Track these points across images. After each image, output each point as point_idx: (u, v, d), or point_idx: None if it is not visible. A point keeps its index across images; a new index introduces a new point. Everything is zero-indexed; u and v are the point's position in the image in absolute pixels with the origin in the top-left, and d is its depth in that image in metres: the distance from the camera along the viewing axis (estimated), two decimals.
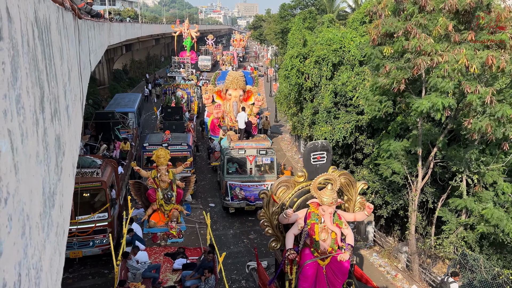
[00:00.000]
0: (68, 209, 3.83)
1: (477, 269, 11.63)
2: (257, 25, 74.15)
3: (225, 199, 15.99)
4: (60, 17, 3.99)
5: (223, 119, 22.93)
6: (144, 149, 16.27)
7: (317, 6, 40.75)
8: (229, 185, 15.82)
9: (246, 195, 15.76)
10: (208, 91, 23.56)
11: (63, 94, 3.66)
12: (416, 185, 12.77)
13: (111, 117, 19.43)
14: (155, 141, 16.77)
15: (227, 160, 16.31)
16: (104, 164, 13.03)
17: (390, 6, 11.37)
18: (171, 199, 11.20)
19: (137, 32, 39.21)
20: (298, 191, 9.38)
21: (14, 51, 1.79)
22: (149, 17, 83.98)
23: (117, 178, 14.04)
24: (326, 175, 8.77)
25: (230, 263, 13.30)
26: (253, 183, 16.03)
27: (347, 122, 16.72)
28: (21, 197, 1.73)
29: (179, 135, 18.23)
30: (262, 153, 16.33)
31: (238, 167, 16.55)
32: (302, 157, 9.34)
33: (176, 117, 21.47)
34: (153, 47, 58.01)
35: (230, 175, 16.26)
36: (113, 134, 18.35)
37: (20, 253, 1.69)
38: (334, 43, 19.36)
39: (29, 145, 1.99)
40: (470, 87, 9.80)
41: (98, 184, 12.02)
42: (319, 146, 9.16)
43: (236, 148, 16.32)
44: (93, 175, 12.03)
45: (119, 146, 17.65)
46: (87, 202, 12.06)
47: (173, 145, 16.30)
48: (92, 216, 11.99)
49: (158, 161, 11.05)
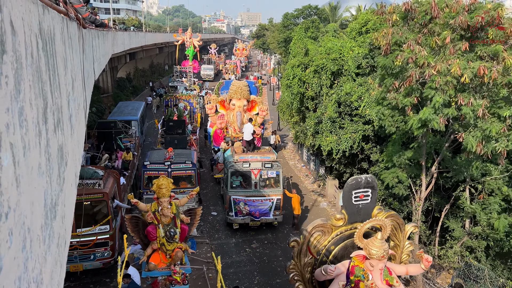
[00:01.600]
0: (70, 220, 3.81)
1: (482, 280, 11.51)
2: (260, 34, 74.49)
3: (228, 214, 15.52)
4: (65, 27, 4.02)
5: (227, 129, 22.41)
6: (145, 168, 15.25)
7: (320, 16, 40.92)
8: (233, 199, 15.27)
9: (250, 210, 15.28)
10: (211, 101, 23.12)
11: (66, 104, 3.67)
12: (420, 194, 12.71)
13: (113, 127, 18.87)
14: (157, 159, 15.76)
15: (230, 174, 15.64)
16: (106, 175, 12.70)
17: (400, 13, 11.36)
18: (174, 237, 9.70)
19: (141, 41, 39.45)
20: (336, 237, 7.70)
21: (18, 63, 1.79)
22: (153, 26, 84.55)
23: (119, 189, 13.66)
24: (375, 221, 7.31)
25: (232, 272, 13.23)
26: (258, 198, 15.39)
27: (354, 131, 16.71)
28: (22, 210, 1.72)
29: (183, 151, 17.23)
30: (267, 166, 15.64)
31: (242, 180, 15.92)
32: (342, 195, 7.32)
33: (178, 131, 20.50)
34: (157, 55, 58.33)
35: (234, 189, 15.58)
36: (115, 144, 17.86)
37: (21, 267, 1.67)
38: (333, 52, 19.42)
39: (31, 157, 1.98)
40: (464, 99, 9.80)
41: (100, 196, 11.71)
42: (362, 182, 7.54)
43: (240, 161, 15.62)
44: (95, 186, 11.74)
45: (121, 156, 17.28)
46: (88, 214, 11.70)
47: (176, 164, 15.33)
48: (94, 228, 11.66)
49: (159, 192, 9.66)
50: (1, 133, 1.49)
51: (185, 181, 15.43)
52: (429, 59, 10.16)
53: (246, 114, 22.16)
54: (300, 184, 21.26)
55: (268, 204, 15.37)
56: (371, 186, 7.57)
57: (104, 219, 11.85)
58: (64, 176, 3.19)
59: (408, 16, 11.31)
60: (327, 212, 18.39)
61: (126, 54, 36.63)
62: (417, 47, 10.22)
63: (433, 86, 9.96)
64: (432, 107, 10.20)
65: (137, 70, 49.72)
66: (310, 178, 22.73)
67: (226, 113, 22.44)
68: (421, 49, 10.21)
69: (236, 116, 21.99)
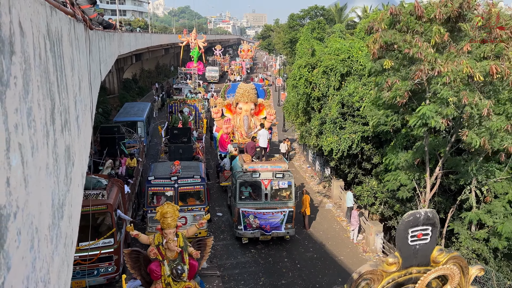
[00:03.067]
0: (77, 220, 3.83)
1: (489, 282, 11.43)
2: (266, 35, 74.56)
3: (237, 228, 14.60)
4: (72, 28, 4.04)
5: (233, 134, 21.51)
6: (149, 183, 13.84)
7: (326, 16, 40.89)
8: (242, 212, 14.29)
9: (261, 223, 14.36)
10: (217, 104, 22.19)
11: (73, 104, 3.69)
12: (425, 196, 12.64)
13: (117, 131, 17.74)
14: (162, 173, 14.30)
15: (239, 184, 14.53)
16: (110, 184, 11.99)
17: (386, 20, 11.48)
18: (182, 275, 8.38)
19: (147, 42, 39.59)
20: (388, 285, 6.45)
21: (26, 64, 1.81)
22: (159, 27, 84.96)
23: (124, 199, 12.87)
24: (441, 270, 6.10)
25: (237, 273, 13.23)
26: (268, 210, 14.38)
27: (353, 132, 16.68)
28: (30, 210, 1.73)
29: (190, 164, 15.74)
30: (278, 177, 14.52)
31: (252, 192, 14.81)
32: (396, 234, 6.12)
33: (183, 139, 19.03)
34: (163, 56, 58.54)
35: (243, 201, 14.52)
36: (119, 149, 16.87)
37: (29, 267, 1.68)
38: (342, 53, 19.39)
39: (39, 158, 1.99)
40: (468, 98, 9.77)
41: (104, 207, 10.99)
42: (421, 218, 6.25)
43: (250, 171, 14.51)
44: (98, 197, 10.98)
45: (125, 162, 16.29)
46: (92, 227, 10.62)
47: (183, 178, 13.97)
48: (97, 242, 10.90)
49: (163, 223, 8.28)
50: (10, 134, 1.50)
51: (193, 197, 14.26)
52: (436, 55, 10.19)
53: (253, 118, 21.49)
54: (305, 185, 21.23)
55: (280, 217, 14.44)
56: (431, 223, 6.31)
57: (108, 232, 11.16)
58: (71, 177, 3.21)
59: (394, 20, 11.41)
60: (332, 213, 18.35)
61: (132, 55, 36.82)
62: (425, 44, 10.26)
63: (442, 82, 9.95)
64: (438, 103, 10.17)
65: (143, 71, 49.93)
66: (315, 179, 22.68)
67: (232, 117, 21.62)
68: (428, 45, 10.25)
69: (243, 120, 21.22)
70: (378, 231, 15.14)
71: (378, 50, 11.26)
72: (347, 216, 17.14)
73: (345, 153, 16.89)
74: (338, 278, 13.33)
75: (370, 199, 16.03)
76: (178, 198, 13.64)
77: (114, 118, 24.58)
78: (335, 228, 16.95)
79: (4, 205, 1.41)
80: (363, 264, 15.77)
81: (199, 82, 40.41)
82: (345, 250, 15.26)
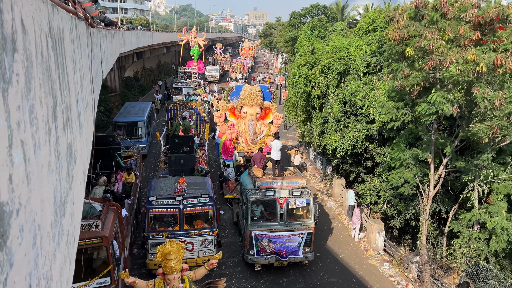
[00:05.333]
0: (79, 217, 3.85)
1: (491, 280, 11.43)
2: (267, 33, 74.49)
3: (249, 253, 12.83)
4: (74, 26, 4.04)
5: (237, 140, 19.96)
6: (150, 204, 12.02)
7: (327, 15, 40.81)
8: (254, 235, 12.61)
9: (276, 248, 12.69)
10: (220, 108, 20.54)
11: (75, 102, 3.70)
12: (428, 194, 12.63)
13: (112, 141, 15.63)
14: (165, 192, 12.46)
15: (251, 204, 12.77)
16: (105, 210, 10.19)
17: (410, 12, 11.37)
18: None
19: (148, 40, 39.58)
20: None
21: (28, 62, 1.81)
22: (160, 25, 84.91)
23: (122, 226, 11.09)
24: None
25: (239, 271, 13.26)
26: (285, 233, 12.71)
27: (357, 130, 16.66)
28: (32, 207, 1.74)
29: (195, 180, 13.83)
30: (295, 194, 12.82)
31: (266, 212, 13.15)
32: None
33: (185, 148, 17.49)
34: (164, 54, 58.54)
35: (256, 223, 12.80)
36: (114, 161, 14.93)
37: (31, 263, 1.69)
38: (340, 51, 19.37)
39: (42, 155, 2.00)
40: (479, 89, 9.79)
41: (98, 241, 9.26)
42: None
43: (263, 188, 12.83)
44: (91, 228, 9.21)
45: (121, 177, 14.28)
46: (84, 264, 9.15)
47: (190, 198, 12.18)
48: (91, 282, 9.15)
49: (166, 266, 6.96)
50: (12, 131, 1.51)
51: (200, 219, 12.59)
52: (447, 47, 10.22)
53: (259, 122, 20.05)
54: (307, 184, 21.22)
55: (297, 240, 12.79)
56: None
57: (104, 270, 9.38)
58: (73, 174, 3.22)
59: (418, 13, 11.30)
60: (334, 211, 18.36)
61: (134, 53, 36.83)
62: (435, 36, 10.27)
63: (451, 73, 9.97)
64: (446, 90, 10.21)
65: (145, 69, 49.96)
66: (317, 177, 22.69)
67: (236, 121, 20.10)
68: (439, 38, 10.28)
69: (248, 125, 19.67)
70: (379, 229, 15.15)
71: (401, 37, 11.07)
72: (349, 214, 17.14)
73: (349, 151, 16.87)
74: (339, 277, 13.34)
75: (373, 197, 16.03)
76: (184, 220, 12.10)
77: (115, 118, 23.97)
78: (336, 226, 16.96)
79: (7, 202, 1.42)
80: (365, 262, 15.85)
81: (199, 81, 39.66)
82: (347, 248, 15.27)
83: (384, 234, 15.27)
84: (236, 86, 22.20)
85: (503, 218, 11.44)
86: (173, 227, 12.17)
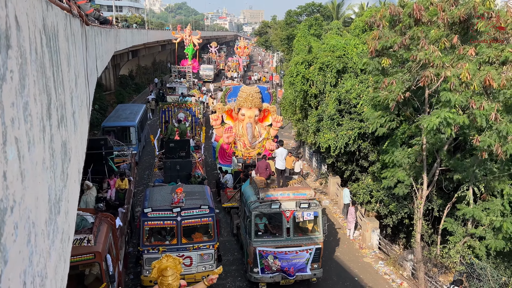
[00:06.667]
0: (74, 215, 3.84)
1: (485, 278, 11.52)
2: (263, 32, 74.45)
3: (253, 271, 11.82)
4: (68, 24, 4.03)
5: (235, 144, 19.09)
6: (145, 216, 11.13)
7: (323, 13, 40.88)
8: (258, 252, 11.66)
9: (282, 265, 11.72)
10: (216, 110, 19.59)
11: (69, 100, 3.69)
12: (421, 192, 12.70)
13: (104, 145, 14.91)
14: (161, 202, 11.61)
15: (254, 217, 11.85)
16: (98, 222, 9.44)
17: (388, 17, 11.48)
18: None
19: (144, 38, 39.44)
20: None
21: (22, 59, 1.80)
22: (155, 23, 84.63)
23: (115, 238, 10.31)
24: None
25: (235, 269, 13.26)
26: (292, 249, 11.79)
27: (350, 129, 16.71)
28: (27, 204, 1.73)
29: (193, 189, 12.89)
30: (303, 207, 11.88)
31: (271, 226, 12.27)
32: None
33: (181, 153, 16.52)
34: (159, 53, 58.36)
35: (260, 238, 11.86)
36: (106, 166, 14.16)
37: (26, 261, 1.69)
38: (338, 50, 19.41)
39: (36, 152, 1.99)
40: (476, 102, 9.79)
41: (91, 257, 8.55)
42: None
43: (268, 200, 11.89)
44: (83, 243, 8.51)
45: (114, 183, 13.52)
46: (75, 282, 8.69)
47: (188, 210, 11.34)
48: None
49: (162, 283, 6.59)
50: (6, 127, 1.50)
51: (200, 232, 11.74)
52: (443, 59, 10.21)
53: (257, 125, 19.30)
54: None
55: (305, 256, 11.89)
56: None
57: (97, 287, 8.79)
58: (67, 172, 3.21)
59: (394, 19, 11.44)
60: (329, 209, 18.41)
61: (129, 51, 36.69)
62: (432, 47, 10.26)
63: (447, 88, 9.97)
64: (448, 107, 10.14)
65: (140, 67, 49.78)
66: (312, 176, 22.73)
67: (234, 124, 19.25)
68: (435, 49, 10.24)
69: (246, 128, 18.89)
70: (374, 227, 15.22)
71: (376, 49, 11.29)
72: (344, 212, 17.20)
73: (342, 150, 16.91)
74: (334, 274, 13.39)
75: (366, 196, 16.09)
76: (182, 233, 11.28)
77: (103, 123, 21.77)
78: (331, 225, 17.00)
79: (1, 199, 1.41)
80: (360, 260, 15.80)
81: (193, 80, 38.85)
82: (342, 247, 15.32)
83: (379, 233, 15.34)
84: (233, 87, 21.39)
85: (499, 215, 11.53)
86: (170, 241, 11.31)
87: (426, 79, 10.14)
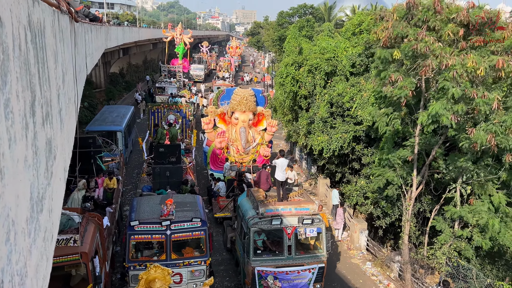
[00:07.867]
0: (58, 214, 3.79)
1: (470, 280, 11.66)
2: (255, 32, 74.48)
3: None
4: (56, 20, 3.98)
5: (227, 149, 18.26)
6: (132, 230, 10.24)
7: (315, 15, 41.03)
8: (257, 272, 10.79)
9: (283, 286, 10.90)
10: (208, 113, 18.69)
11: (56, 97, 3.64)
12: (411, 194, 12.81)
13: (92, 143, 14.45)
14: (149, 214, 10.76)
15: (253, 234, 10.98)
16: (85, 222, 9.19)
17: (401, 12, 11.45)
18: None
19: (135, 36, 39.17)
20: None
21: (5, 55, 1.78)
22: (147, 22, 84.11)
23: (102, 238, 10.05)
24: None
25: (223, 269, 13.24)
26: (293, 268, 10.95)
27: (344, 132, 16.80)
28: (6, 202, 1.71)
29: (184, 200, 12.04)
30: (306, 223, 11.01)
31: (270, 242, 11.49)
32: None
33: (171, 159, 15.52)
34: (151, 51, 58.05)
35: (259, 257, 10.99)
36: (94, 165, 13.78)
37: (4, 259, 1.67)
38: (328, 52, 19.50)
39: (17, 150, 1.97)
40: (478, 92, 9.88)
41: (77, 258, 8.24)
42: None
43: (268, 215, 11.03)
44: (69, 243, 8.22)
45: (102, 182, 13.27)
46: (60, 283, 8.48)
47: (178, 223, 10.49)
48: None
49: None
50: None
51: (190, 247, 10.90)
52: (444, 49, 10.26)
53: (251, 130, 18.49)
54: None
55: (308, 276, 11.07)
56: None
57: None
58: (52, 170, 3.17)
59: (409, 12, 11.40)
60: None
61: (120, 49, 36.41)
62: (431, 38, 10.30)
63: (448, 77, 10.02)
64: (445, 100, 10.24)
65: (130, 65, 49.47)
66: (302, 176, 22.80)
67: (227, 128, 18.41)
68: (435, 40, 10.30)
69: (239, 132, 18.10)
70: (362, 228, 15.31)
71: (390, 38, 11.06)
72: (332, 213, 17.27)
73: (336, 152, 16.97)
74: None
75: (359, 198, 16.16)
76: (171, 248, 10.45)
77: (87, 127, 20.15)
78: None
79: None
80: (348, 261, 15.85)
81: (184, 80, 38.13)
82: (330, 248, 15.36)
83: (367, 234, 15.44)
84: (226, 90, 20.37)
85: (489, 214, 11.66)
86: (158, 256, 10.50)
87: (426, 69, 10.19)
